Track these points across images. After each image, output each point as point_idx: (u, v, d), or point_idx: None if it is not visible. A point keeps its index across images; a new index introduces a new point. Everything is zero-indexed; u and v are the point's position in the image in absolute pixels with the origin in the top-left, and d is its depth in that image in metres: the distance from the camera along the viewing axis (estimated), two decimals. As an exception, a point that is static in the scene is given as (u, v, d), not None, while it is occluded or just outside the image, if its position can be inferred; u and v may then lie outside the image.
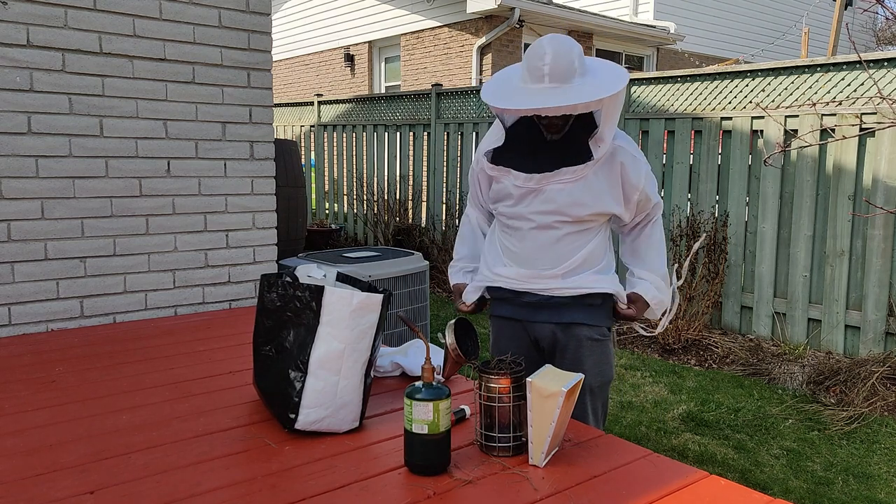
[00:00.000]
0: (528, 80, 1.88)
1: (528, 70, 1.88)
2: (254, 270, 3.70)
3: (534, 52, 1.87)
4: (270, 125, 3.71)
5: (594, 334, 2.10)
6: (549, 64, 1.83)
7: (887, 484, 2.96)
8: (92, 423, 2.00)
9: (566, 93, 1.82)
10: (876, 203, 4.18)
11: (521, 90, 1.88)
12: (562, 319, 2.08)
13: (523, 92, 1.87)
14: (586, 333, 2.09)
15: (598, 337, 2.11)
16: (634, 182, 2.02)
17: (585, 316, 2.07)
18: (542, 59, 1.84)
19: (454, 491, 1.60)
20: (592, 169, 1.97)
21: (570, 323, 2.07)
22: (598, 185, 1.98)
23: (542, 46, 1.86)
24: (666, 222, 5.27)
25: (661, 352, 4.69)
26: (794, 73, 4.56)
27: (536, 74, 1.85)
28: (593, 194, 1.98)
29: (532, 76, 1.87)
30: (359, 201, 8.23)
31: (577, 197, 1.97)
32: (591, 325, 2.08)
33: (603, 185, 1.99)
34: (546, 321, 2.09)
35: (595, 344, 2.10)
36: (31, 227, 3.07)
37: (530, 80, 1.87)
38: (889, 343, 4.20)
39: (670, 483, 1.65)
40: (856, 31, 15.06)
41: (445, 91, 7.13)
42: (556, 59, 1.83)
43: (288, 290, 1.87)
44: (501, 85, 1.96)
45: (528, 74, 1.88)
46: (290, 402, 1.87)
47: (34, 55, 3.01)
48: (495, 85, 1.97)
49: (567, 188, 1.97)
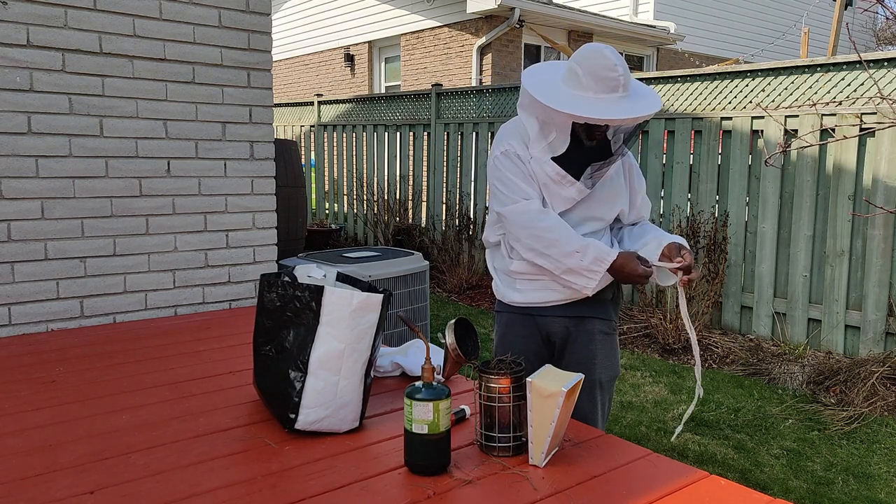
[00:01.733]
0: (597, 90, 1.89)
1: (595, 79, 1.89)
2: (254, 270, 3.70)
3: (601, 62, 1.89)
4: (270, 125, 3.71)
5: (605, 328, 2.16)
6: (623, 75, 1.89)
7: (887, 484, 2.96)
8: (92, 423, 2.00)
9: (641, 102, 1.92)
10: (876, 203, 4.18)
11: (593, 100, 1.89)
12: (575, 313, 2.12)
13: (600, 102, 1.89)
14: (598, 327, 2.15)
15: (609, 331, 2.18)
16: (637, 186, 2.20)
17: (597, 310, 2.14)
18: (614, 70, 1.88)
19: (454, 491, 1.60)
20: (614, 168, 2.09)
21: (583, 316, 2.13)
22: (619, 184, 2.14)
23: (608, 57, 1.89)
24: (666, 222, 5.27)
25: (661, 352, 4.69)
26: (794, 73, 4.56)
27: (611, 84, 1.89)
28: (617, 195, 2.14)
29: (603, 85, 1.89)
30: (359, 201, 8.23)
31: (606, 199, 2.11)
32: (602, 319, 2.15)
33: (621, 184, 2.15)
34: (560, 315, 2.13)
35: (606, 338, 2.16)
36: (31, 227, 3.07)
37: (601, 90, 1.89)
38: (889, 343, 4.20)
39: (670, 483, 1.65)
40: (856, 31, 15.06)
41: (445, 91, 7.13)
42: (626, 70, 1.91)
43: (288, 290, 1.87)
44: (560, 91, 1.93)
45: (594, 83, 1.89)
46: (290, 402, 1.87)
47: (34, 55, 3.01)
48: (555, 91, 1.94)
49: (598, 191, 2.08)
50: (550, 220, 2.00)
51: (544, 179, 2.03)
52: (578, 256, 1.96)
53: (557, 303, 2.11)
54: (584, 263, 1.96)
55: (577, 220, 2.07)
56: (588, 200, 2.08)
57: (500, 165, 2.07)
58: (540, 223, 2.00)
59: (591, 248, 1.96)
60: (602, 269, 1.96)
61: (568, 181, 2.00)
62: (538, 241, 2.00)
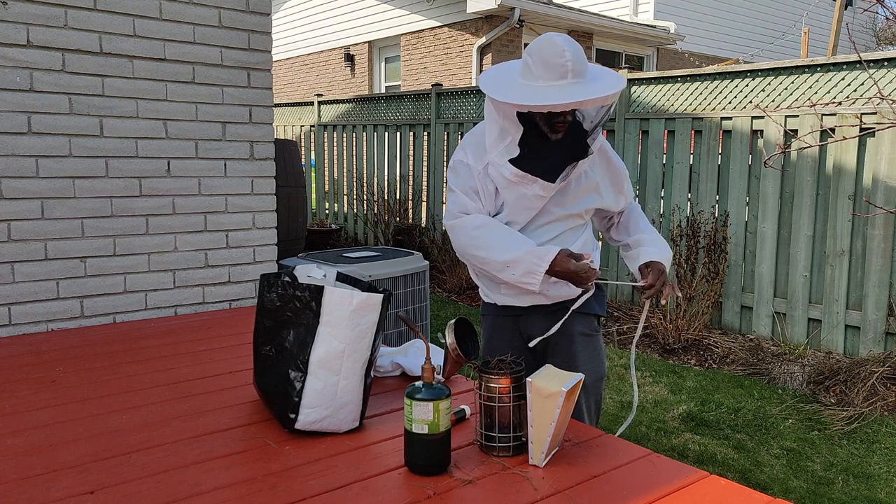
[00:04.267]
0: (547, 78, 1.85)
1: (545, 67, 1.84)
2: (254, 270, 3.70)
3: (549, 49, 1.84)
4: (270, 125, 3.71)
5: (586, 329, 2.13)
6: (571, 60, 1.83)
7: (887, 484, 2.96)
8: (92, 423, 2.00)
9: (595, 85, 1.84)
10: (876, 203, 4.18)
11: (544, 88, 1.84)
12: (553, 315, 2.09)
13: (550, 89, 1.83)
14: (579, 328, 2.12)
15: (590, 332, 2.14)
16: (619, 166, 2.13)
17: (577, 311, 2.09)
18: (562, 56, 1.83)
19: (454, 491, 1.60)
20: (589, 163, 2.02)
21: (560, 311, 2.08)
22: (592, 177, 2.06)
23: (556, 44, 1.84)
24: (666, 222, 5.27)
25: (661, 352, 4.69)
26: (794, 73, 4.55)
27: (559, 71, 1.84)
28: (592, 188, 2.06)
29: (552, 73, 1.84)
30: (359, 201, 8.23)
31: (581, 194, 2.04)
32: (583, 316, 2.11)
33: (603, 177, 2.08)
34: (539, 317, 2.11)
35: (587, 339, 2.13)
36: (31, 227, 3.07)
37: (551, 77, 1.84)
38: (889, 343, 4.20)
39: (670, 483, 1.65)
40: (856, 31, 15.06)
41: (445, 91, 7.13)
42: (576, 55, 1.84)
43: (288, 290, 1.87)
44: (513, 85, 1.90)
45: (545, 71, 1.85)
46: (290, 402, 1.87)
47: (34, 55, 3.01)
48: (508, 85, 1.90)
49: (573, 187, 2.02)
50: (482, 237, 1.97)
51: (505, 183, 1.98)
52: (510, 271, 1.94)
53: (539, 303, 2.09)
54: (516, 277, 1.94)
55: (551, 219, 2.03)
56: (561, 197, 2.01)
57: (449, 177, 2.07)
58: (472, 240, 1.98)
59: (522, 262, 1.91)
60: (536, 281, 1.91)
61: (528, 179, 1.94)
62: (474, 258, 2.00)
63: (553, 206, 2.03)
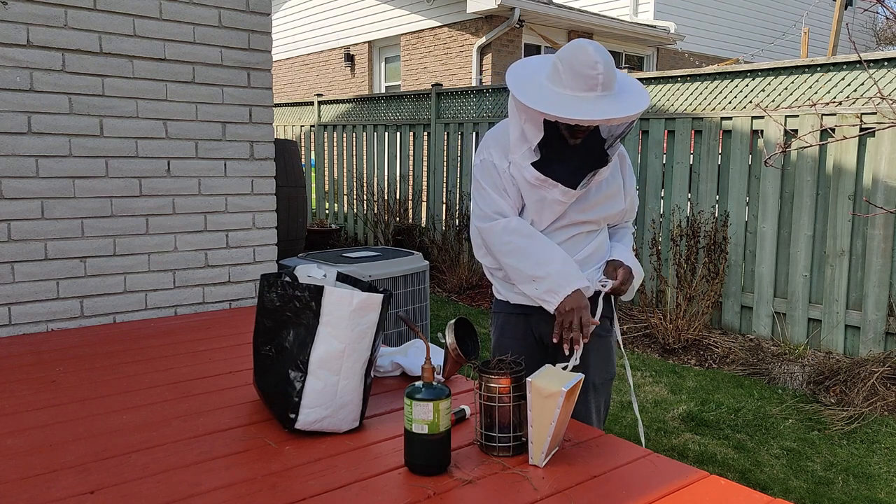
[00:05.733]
0: (574, 88, 1.83)
1: (574, 76, 1.82)
2: (254, 270, 3.70)
3: (581, 58, 1.81)
4: (270, 125, 3.71)
5: (599, 330, 2.13)
6: (602, 73, 1.81)
7: (887, 484, 2.96)
8: (92, 423, 2.00)
9: (623, 99, 1.83)
10: (876, 203, 4.18)
11: (572, 98, 1.82)
12: None
13: (578, 101, 1.81)
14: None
15: (602, 333, 2.15)
16: (628, 184, 2.14)
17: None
18: (594, 68, 1.80)
19: (454, 491, 1.60)
20: (609, 171, 2.02)
21: None
22: (615, 184, 2.08)
23: (588, 54, 1.81)
24: (666, 222, 5.27)
25: (661, 352, 4.69)
26: (794, 73, 4.55)
27: (589, 83, 1.81)
28: (613, 195, 2.08)
29: (581, 84, 1.82)
30: (359, 201, 8.23)
31: (603, 201, 2.05)
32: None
33: (618, 184, 2.09)
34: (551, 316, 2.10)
35: (598, 340, 2.14)
36: (31, 227, 3.07)
37: (579, 88, 1.82)
38: (889, 343, 4.20)
39: (670, 483, 1.65)
40: (856, 31, 15.06)
41: (445, 91, 7.13)
42: (607, 67, 1.82)
43: (288, 290, 1.87)
44: (540, 89, 1.87)
45: (573, 81, 1.82)
46: (290, 401, 1.87)
47: (34, 55, 3.01)
48: (535, 88, 1.88)
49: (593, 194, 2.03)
50: (515, 243, 1.98)
51: (526, 185, 1.98)
52: (535, 285, 1.96)
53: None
54: (537, 293, 1.96)
55: (567, 223, 2.03)
56: (582, 203, 2.01)
57: (478, 175, 2.05)
58: (504, 247, 1.99)
59: (549, 280, 1.93)
60: (555, 301, 1.92)
61: (549, 184, 1.93)
62: (503, 263, 2.02)
63: (572, 212, 2.02)
